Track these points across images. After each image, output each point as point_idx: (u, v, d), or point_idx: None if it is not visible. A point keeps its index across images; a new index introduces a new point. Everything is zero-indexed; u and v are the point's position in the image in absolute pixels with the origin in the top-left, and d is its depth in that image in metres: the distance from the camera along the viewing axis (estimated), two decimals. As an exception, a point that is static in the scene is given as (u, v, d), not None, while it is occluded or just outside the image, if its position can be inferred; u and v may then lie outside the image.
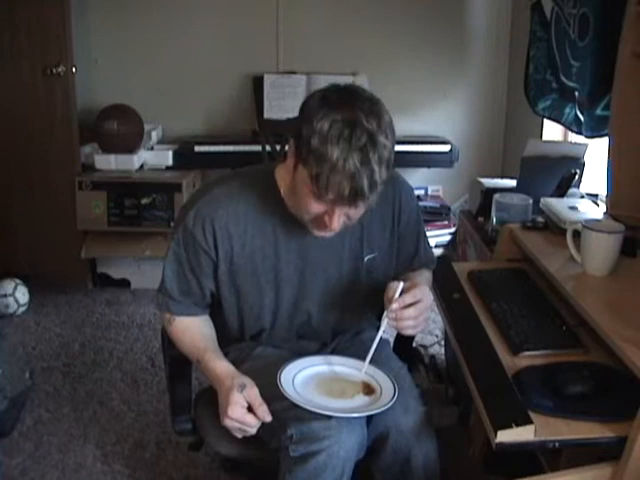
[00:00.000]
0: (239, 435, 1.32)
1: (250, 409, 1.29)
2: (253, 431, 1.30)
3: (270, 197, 1.41)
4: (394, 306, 1.31)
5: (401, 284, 1.34)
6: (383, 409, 1.30)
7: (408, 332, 1.35)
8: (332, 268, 1.47)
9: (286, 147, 2.22)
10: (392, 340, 1.70)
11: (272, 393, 1.31)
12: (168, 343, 1.53)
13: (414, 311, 1.32)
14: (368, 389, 1.38)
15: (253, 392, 1.29)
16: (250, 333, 1.53)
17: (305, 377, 1.40)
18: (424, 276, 1.57)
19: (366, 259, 1.49)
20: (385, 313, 1.35)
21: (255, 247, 1.42)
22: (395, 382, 1.38)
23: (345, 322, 1.55)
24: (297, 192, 1.30)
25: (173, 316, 1.47)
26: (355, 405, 1.33)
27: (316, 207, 1.27)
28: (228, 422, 1.28)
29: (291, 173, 1.30)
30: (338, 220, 1.28)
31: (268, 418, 1.28)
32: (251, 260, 1.42)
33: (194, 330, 1.47)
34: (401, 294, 1.34)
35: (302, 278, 1.46)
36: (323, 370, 1.43)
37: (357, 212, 1.29)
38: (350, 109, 1.19)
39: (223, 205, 1.39)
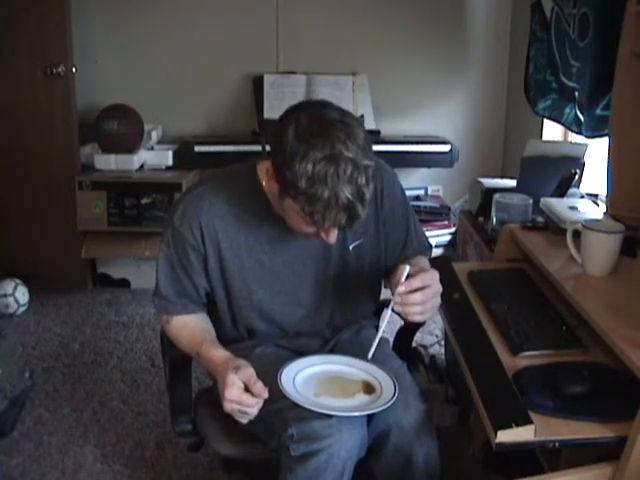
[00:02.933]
0: (243, 420, 1.30)
1: (247, 390, 1.27)
2: (254, 411, 1.28)
3: (253, 193, 1.42)
4: (400, 289, 1.29)
5: (407, 267, 1.33)
6: (384, 407, 1.30)
7: (415, 318, 1.32)
8: (320, 259, 1.48)
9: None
10: (392, 339, 1.71)
11: (273, 392, 1.31)
12: (168, 344, 1.53)
13: (421, 296, 1.30)
14: (368, 388, 1.38)
15: (248, 372, 1.28)
16: (243, 330, 1.54)
17: (305, 376, 1.40)
18: (423, 263, 1.55)
19: (352, 247, 1.49)
20: (392, 302, 1.33)
21: (241, 242, 1.43)
22: (395, 380, 1.38)
23: (340, 313, 1.56)
24: (286, 214, 1.32)
25: (170, 316, 1.48)
26: (356, 404, 1.34)
27: (309, 230, 1.30)
28: (227, 405, 1.27)
29: (275, 192, 1.30)
30: (334, 235, 1.31)
31: (265, 394, 1.27)
32: (238, 255, 1.44)
33: (191, 326, 1.47)
34: (408, 278, 1.32)
35: (292, 272, 1.47)
36: (323, 369, 1.43)
37: None
38: (327, 142, 1.19)
39: (207, 202, 1.41)
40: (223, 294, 1.48)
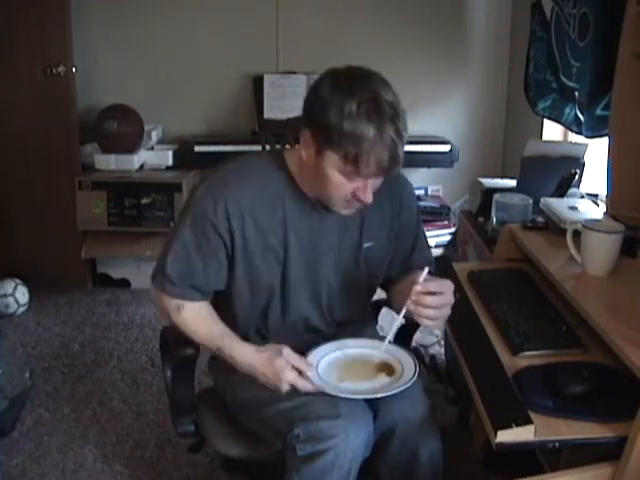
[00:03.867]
0: (308, 387, 1.34)
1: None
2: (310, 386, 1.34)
3: (279, 177, 1.43)
4: (417, 288, 1.32)
5: (426, 269, 1.35)
6: (407, 385, 1.32)
7: (425, 322, 1.34)
8: (336, 253, 1.49)
9: (286, 146, 2.24)
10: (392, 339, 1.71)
11: (278, 393, 1.32)
12: (173, 340, 1.51)
13: (435, 300, 1.32)
14: (388, 369, 1.40)
15: (291, 354, 1.35)
16: (256, 318, 1.51)
17: (325, 364, 1.41)
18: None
19: (365, 246, 1.51)
20: (403, 309, 1.35)
21: (265, 222, 1.42)
22: (415, 357, 1.41)
23: (347, 309, 1.56)
24: (324, 177, 1.32)
25: (182, 302, 1.44)
26: (379, 386, 1.35)
27: (349, 187, 1.32)
28: (285, 386, 1.33)
29: (311, 160, 1.32)
30: (371, 192, 1.34)
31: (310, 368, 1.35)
32: (262, 234, 1.43)
33: (206, 317, 1.46)
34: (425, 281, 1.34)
35: (308, 261, 1.47)
36: (340, 355, 1.45)
37: (380, 181, 1.36)
38: (367, 88, 1.27)
39: (233, 182, 1.41)
40: (245, 273, 1.44)
